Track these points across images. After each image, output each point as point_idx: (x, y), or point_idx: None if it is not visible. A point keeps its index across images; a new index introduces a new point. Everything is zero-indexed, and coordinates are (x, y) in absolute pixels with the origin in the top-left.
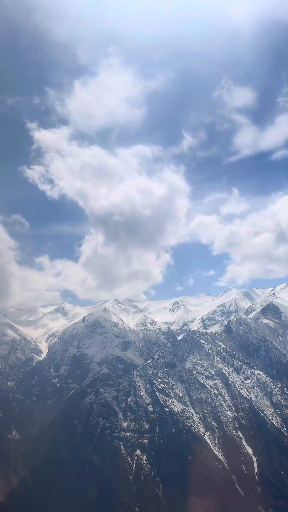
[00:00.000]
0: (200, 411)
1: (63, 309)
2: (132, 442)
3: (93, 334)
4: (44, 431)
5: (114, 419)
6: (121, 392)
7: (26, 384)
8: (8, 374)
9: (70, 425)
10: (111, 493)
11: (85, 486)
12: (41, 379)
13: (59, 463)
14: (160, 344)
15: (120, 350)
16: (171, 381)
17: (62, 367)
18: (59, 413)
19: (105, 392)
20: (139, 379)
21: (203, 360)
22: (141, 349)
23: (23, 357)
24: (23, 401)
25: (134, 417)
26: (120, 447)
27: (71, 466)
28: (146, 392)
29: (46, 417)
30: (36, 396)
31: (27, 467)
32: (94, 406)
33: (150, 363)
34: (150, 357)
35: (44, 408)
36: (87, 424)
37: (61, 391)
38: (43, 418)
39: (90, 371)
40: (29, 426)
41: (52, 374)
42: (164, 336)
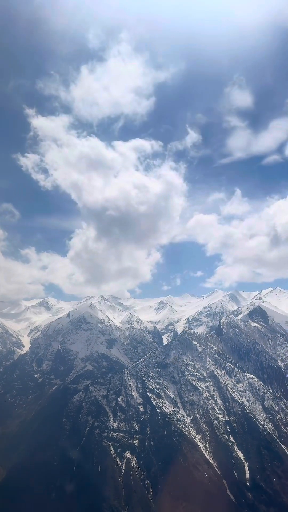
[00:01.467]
0: (191, 414)
1: (47, 303)
2: (122, 443)
3: (78, 330)
4: (24, 427)
5: (103, 418)
6: (112, 391)
7: (7, 378)
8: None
9: (54, 422)
10: (99, 495)
11: (72, 487)
12: (22, 374)
13: (44, 461)
14: (146, 343)
15: (105, 347)
16: (162, 382)
17: (45, 362)
18: (40, 409)
19: (95, 390)
20: (130, 378)
21: (195, 361)
22: (127, 347)
23: (4, 350)
24: (3, 395)
25: (124, 417)
26: (109, 447)
27: (57, 466)
28: (137, 392)
29: (26, 412)
30: (16, 390)
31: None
32: (83, 404)
33: (142, 363)
34: (136, 355)
35: (24, 403)
36: (76, 422)
37: (43, 386)
38: (24, 414)
39: (74, 367)
40: (8, 420)
41: (34, 369)
42: (150, 335)
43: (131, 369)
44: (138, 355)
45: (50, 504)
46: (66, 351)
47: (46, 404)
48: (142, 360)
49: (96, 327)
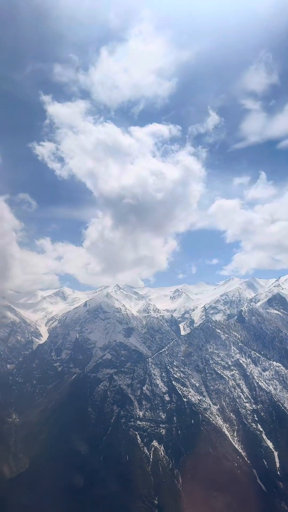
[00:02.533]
0: (217, 402)
1: (62, 293)
2: (149, 432)
3: (96, 319)
4: (45, 415)
5: (129, 407)
6: (136, 380)
7: (27, 367)
8: (7, 357)
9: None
10: (128, 485)
11: (100, 476)
12: (42, 363)
13: (70, 450)
14: (163, 332)
15: (123, 336)
16: (187, 371)
17: (64, 351)
18: (60, 398)
19: (119, 379)
20: (154, 367)
21: (219, 350)
22: (144, 336)
23: (23, 340)
24: (23, 384)
25: (150, 406)
26: (136, 437)
27: (84, 455)
28: (162, 380)
29: (47, 401)
30: (36, 379)
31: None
32: (108, 393)
33: (165, 351)
34: (154, 344)
35: (45, 392)
36: (101, 411)
37: (63, 375)
38: (44, 402)
39: (93, 356)
40: (29, 409)
41: (53, 358)
42: (167, 323)
43: (155, 358)
44: (156, 343)
45: (78, 493)
46: (84, 340)
47: (66, 392)
48: (165, 349)
49: (113, 316)
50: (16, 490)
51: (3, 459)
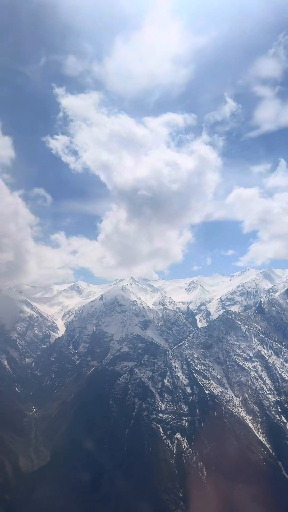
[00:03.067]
0: (240, 394)
1: (77, 287)
2: (171, 425)
3: (112, 313)
4: (65, 408)
5: (150, 400)
6: (157, 373)
7: (45, 361)
8: (25, 351)
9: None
10: (153, 477)
11: (123, 469)
12: (59, 356)
13: (93, 443)
14: (180, 324)
15: (140, 329)
16: (208, 363)
17: (81, 345)
18: (79, 391)
19: (140, 372)
20: (174, 360)
21: (240, 341)
22: (161, 328)
23: (40, 334)
24: (42, 378)
25: (171, 398)
26: (159, 429)
27: (107, 448)
28: (183, 373)
29: (66, 394)
30: (55, 373)
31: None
32: (129, 386)
33: (185, 344)
34: (171, 336)
35: (63, 385)
36: (123, 404)
37: (81, 368)
38: (63, 395)
39: (110, 349)
40: (48, 403)
41: (71, 351)
42: (183, 315)
43: (175, 351)
44: (173, 336)
45: (102, 486)
46: (102, 333)
47: (85, 385)
48: (185, 341)
49: (129, 309)
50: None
51: (25, 452)
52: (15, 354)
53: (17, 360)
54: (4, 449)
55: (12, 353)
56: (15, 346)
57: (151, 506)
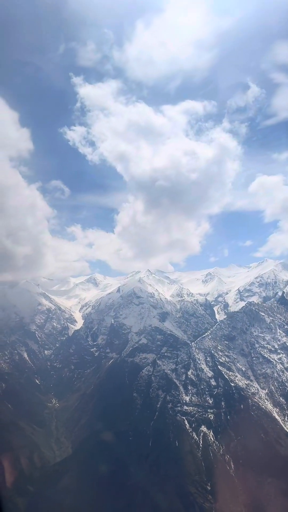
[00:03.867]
0: (266, 387)
1: (94, 280)
2: (197, 417)
3: (130, 305)
4: (85, 399)
5: (175, 392)
6: (180, 365)
7: (64, 353)
8: (44, 343)
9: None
10: (180, 470)
11: (150, 462)
12: (78, 348)
13: (117, 435)
14: (198, 316)
15: (158, 321)
16: (232, 355)
17: (99, 337)
18: (99, 382)
19: (163, 364)
20: (198, 352)
21: (264, 333)
22: (179, 320)
23: (58, 326)
24: (61, 370)
25: (196, 391)
26: (184, 422)
27: (133, 440)
28: (207, 365)
29: (85, 385)
30: (74, 364)
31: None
32: (152, 378)
33: (208, 335)
34: (189, 328)
35: (83, 377)
36: (147, 397)
37: (100, 360)
38: (83, 387)
39: (129, 341)
40: (68, 394)
41: (89, 343)
42: (201, 307)
43: (198, 343)
44: (191, 327)
45: (128, 479)
46: (120, 326)
47: (105, 377)
48: (208, 333)
49: (147, 301)
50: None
51: (46, 443)
52: (34, 346)
53: (36, 352)
54: (26, 441)
55: (32, 345)
56: (34, 339)
57: (179, 500)
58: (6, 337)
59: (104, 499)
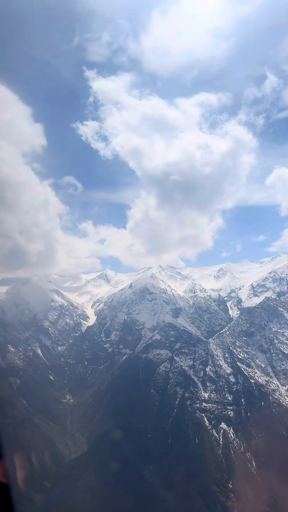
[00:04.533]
0: (286, 383)
1: (105, 276)
2: (216, 414)
3: (143, 301)
4: (99, 395)
5: (193, 389)
6: (198, 361)
7: (77, 349)
8: (58, 339)
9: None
10: (200, 468)
11: (169, 459)
12: (92, 344)
13: (135, 432)
14: (212, 311)
15: (171, 316)
16: (250, 351)
17: (112, 333)
18: (113, 378)
19: (180, 360)
20: (216, 348)
21: (284, 328)
22: (192, 316)
23: (71, 322)
24: (75, 366)
25: (214, 387)
26: (203, 419)
27: (151, 437)
28: (225, 361)
29: (99, 381)
30: (87, 360)
31: (84, 431)
32: (170, 375)
33: (226, 332)
34: (203, 324)
35: (96, 373)
36: (165, 393)
37: (113, 356)
38: (97, 383)
39: (142, 337)
40: (82, 390)
41: (102, 339)
42: (214, 303)
43: (216, 339)
44: (205, 323)
45: (149, 476)
46: (133, 322)
47: (118, 373)
48: (226, 329)
49: (160, 297)
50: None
51: (61, 439)
52: (48, 343)
53: (50, 348)
54: (42, 437)
55: (45, 341)
56: (47, 335)
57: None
58: (20, 334)
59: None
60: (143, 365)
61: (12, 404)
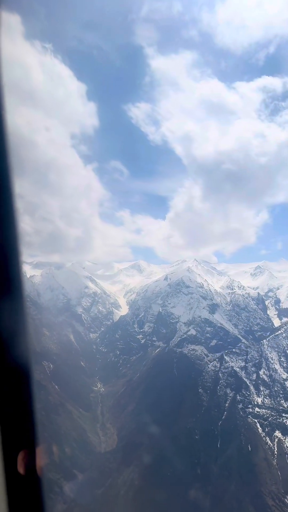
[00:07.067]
0: None
1: (138, 266)
2: (270, 421)
3: (178, 294)
4: (131, 386)
5: (245, 392)
6: (250, 363)
7: (109, 338)
8: (90, 326)
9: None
10: (255, 478)
11: (218, 465)
12: (124, 334)
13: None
14: (250, 310)
15: (208, 312)
16: None
17: (146, 324)
18: (146, 370)
19: (231, 361)
20: (271, 350)
21: None
22: (229, 313)
23: (104, 310)
24: (107, 354)
25: (269, 392)
26: (256, 425)
27: (199, 440)
28: (281, 366)
29: (131, 372)
30: (119, 350)
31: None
32: (219, 375)
33: (282, 334)
34: (240, 322)
35: (128, 363)
36: (214, 394)
37: (146, 347)
38: (129, 373)
39: (177, 331)
40: (113, 379)
41: (136, 330)
42: (253, 301)
43: (271, 341)
44: (242, 322)
45: (197, 481)
46: (168, 314)
47: (152, 365)
48: (282, 331)
49: (196, 292)
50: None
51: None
52: (80, 329)
53: (82, 334)
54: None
55: (78, 327)
56: (80, 321)
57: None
58: (54, 318)
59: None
60: (178, 359)
61: (46, 388)
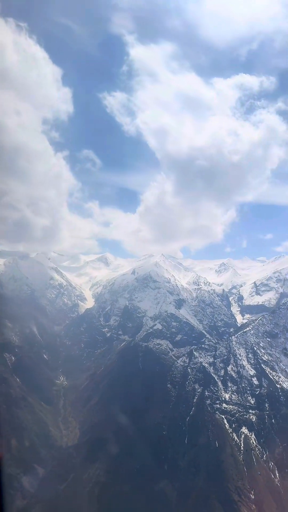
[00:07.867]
0: None
1: (105, 259)
2: (237, 417)
3: (146, 288)
4: (95, 380)
5: (213, 388)
6: (219, 359)
7: (74, 330)
8: (55, 318)
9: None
10: (221, 474)
11: (186, 461)
12: (89, 327)
13: (150, 426)
14: (215, 306)
15: (174, 307)
16: (274, 353)
17: (112, 318)
18: (110, 364)
19: (200, 356)
20: (239, 347)
21: None
22: (195, 309)
23: (69, 302)
24: (71, 347)
25: (236, 388)
26: (223, 421)
27: (167, 435)
28: (248, 362)
29: (95, 365)
30: (84, 343)
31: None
32: (188, 370)
33: (250, 330)
34: (205, 318)
35: (92, 357)
36: (182, 389)
37: (111, 341)
38: (92, 367)
39: (143, 325)
40: (77, 373)
41: (101, 323)
42: (218, 298)
43: (239, 337)
44: (207, 317)
45: (164, 478)
46: (134, 309)
47: (116, 359)
48: (250, 327)
49: (163, 286)
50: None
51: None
52: (44, 321)
53: (46, 327)
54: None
55: (42, 319)
56: (44, 313)
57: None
58: (17, 309)
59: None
60: (143, 353)
61: (7, 381)
